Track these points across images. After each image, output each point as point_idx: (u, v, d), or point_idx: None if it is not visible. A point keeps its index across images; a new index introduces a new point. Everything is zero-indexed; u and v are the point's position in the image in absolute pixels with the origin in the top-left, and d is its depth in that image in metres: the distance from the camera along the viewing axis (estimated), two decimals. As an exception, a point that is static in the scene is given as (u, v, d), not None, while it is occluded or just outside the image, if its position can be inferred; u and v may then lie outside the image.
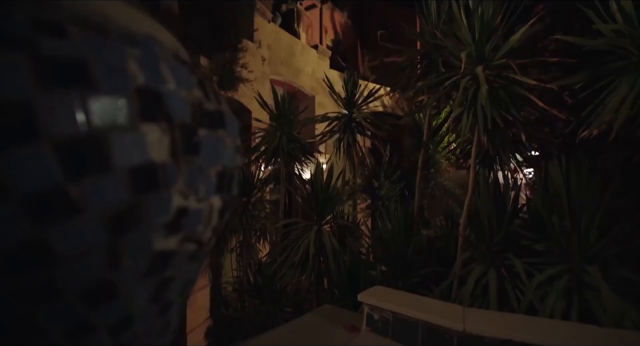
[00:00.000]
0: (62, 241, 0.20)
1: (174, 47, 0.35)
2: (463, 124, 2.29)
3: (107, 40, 0.24)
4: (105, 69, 0.22)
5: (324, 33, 11.12)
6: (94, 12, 0.27)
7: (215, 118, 0.30)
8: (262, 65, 7.20)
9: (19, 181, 0.18)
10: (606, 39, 1.92)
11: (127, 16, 0.30)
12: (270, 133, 3.94)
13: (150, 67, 0.25)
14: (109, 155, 0.20)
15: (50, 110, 0.19)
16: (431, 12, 2.95)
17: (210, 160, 0.28)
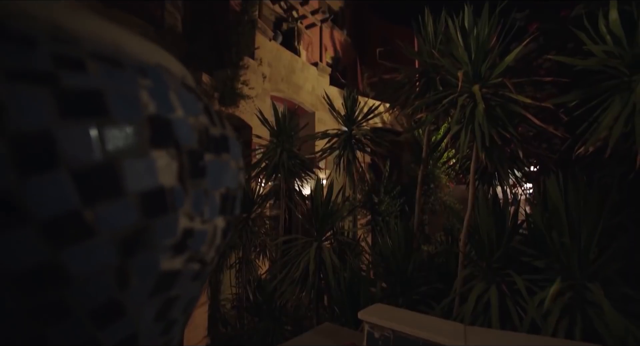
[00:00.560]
0: (76, 263, 0.21)
1: (181, 73, 0.37)
2: (461, 141, 2.32)
3: (121, 71, 0.26)
4: (119, 100, 0.24)
5: (324, 51, 11.34)
6: (109, 45, 0.29)
7: (220, 143, 0.31)
8: (263, 82, 7.32)
9: (39, 206, 0.19)
10: (597, 59, 1.97)
11: (138, 46, 0.32)
12: (270, 149, 3.97)
13: (160, 96, 0.27)
14: (122, 180, 0.22)
15: (69, 139, 0.20)
16: (428, 32, 3.03)
17: (215, 183, 0.29)
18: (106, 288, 0.23)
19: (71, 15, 0.27)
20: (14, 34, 0.23)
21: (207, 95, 6.07)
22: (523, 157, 2.56)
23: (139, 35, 0.33)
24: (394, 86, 3.29)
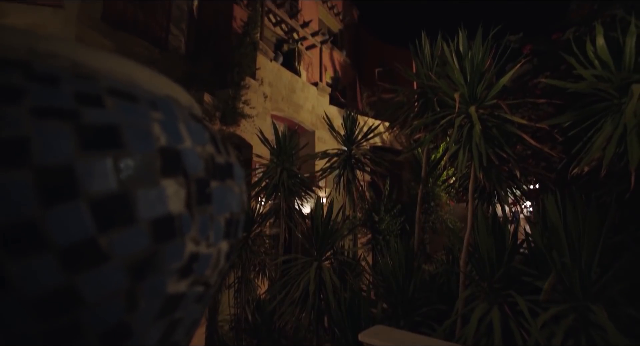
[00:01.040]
0: (90, 287, 0.22)
1: (188, 103, 0.40)
2: (459, 161, 2.34)
3: (135, 106, 0.28)
4: (134, 133, 0.26)
5: (323, 71, 11.57)
6: (123, 79, 0.31)
7: (225, 170, 0.33)
8: (264, 101, 7.44)
9: (59, 234, 0.21)
10: (587, 82, 2.02)
11: (149, 79, 0.35)
12: (271, 168, 4.00)
13: (171, 128, 0.29)
14: (135, 208, 0.23)
15: (88, 171, 0.22)
16: (425, 54, 3.12)
17: (220, 208, 0.31)
18: (116, 311, 0.24)
19: (89, 52, 0.29)
20: (40, 74, 0.25)
21: (208, 114, 6.15)
22: (520, 177, 2.58)
23: (149, 68, 0.36)
24: (393, 106, 3.35)
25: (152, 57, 7.26)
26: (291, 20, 10.27)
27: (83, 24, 6.11)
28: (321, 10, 13.11)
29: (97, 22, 6.34)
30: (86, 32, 6.13)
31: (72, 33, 5.94)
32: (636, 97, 1.68)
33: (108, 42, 6.46)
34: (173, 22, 7.91)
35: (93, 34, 6.23)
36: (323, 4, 13.16)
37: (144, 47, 7.14)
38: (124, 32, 6.77)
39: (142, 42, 7.10)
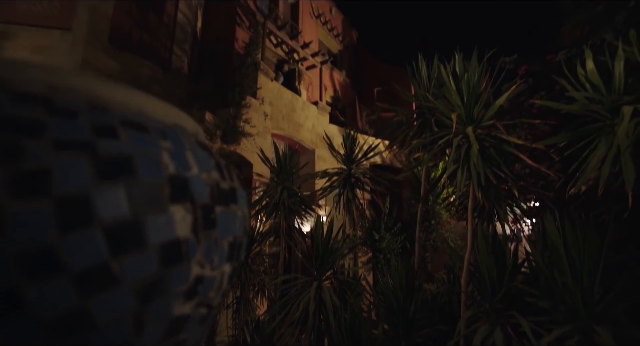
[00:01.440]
0: (100, 310, 0.23)
1: (194, 130, 0.42)
2: (458, 180, 2.36)
3: (146, 136, 0.30)
4: (145, 162, 0.27)
5: (323, 90, 11.76)
6: (135, 110, 0.33)
7: (229, 195, 0.35)
8: (265, 120, 7.53)
9: (74, 260, 0.22)
10: (580, 104, 2.07)
11: (158, 108, 0.37)
12: (271, 187, 4.01)
13: (179, 157, 0.31)
14: (145, 234, 0.25)
15: (103, 199, 0.24)
16: (422, 76, 3.19)
17: (224, 232, 0.32)
18: (124, 333, 0.25)
19: (103, 85, 0.32)
20: (60, 108, 0.27)
21: (209, 132, 6.22)
22: (518, 196, 2.59)
23: (157, 98, 0.38)
24: (392, 126, 3.40)
25: (156, 76, 7.41)
26: (292, 41, 10.53)
27: (90, 46, 6.28)
28: (321, 31, 13.46)
29: (103, 43, 6.51)
30: (92, 53, 6.28)
31: (79, 54, 6.09)
32: (627, 119, 1.72)
33: (113, 62, 6.61)
34: (177, 43, 8.11)
35: (99, 55, 6.39)
36: (323, 26, 13.53)
37: (147, 67, 7.30)
38: (129, 53, 6.94)
39: (146, 62, 7.26)
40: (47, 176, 0.23)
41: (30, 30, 6.12)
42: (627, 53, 1.96)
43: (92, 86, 0.31)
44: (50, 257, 0.22)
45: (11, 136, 0.23)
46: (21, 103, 0.26)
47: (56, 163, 0.23)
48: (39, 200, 0.22)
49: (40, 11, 6.35)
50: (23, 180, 0.22)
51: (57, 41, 6.15)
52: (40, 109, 0.26)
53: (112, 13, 6.79)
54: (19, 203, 0.21)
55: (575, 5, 4.41)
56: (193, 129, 0.40)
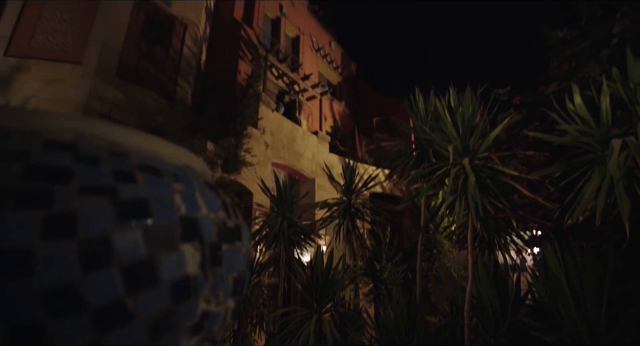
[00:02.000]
0: (115, 345, 0.25)
1: (201, 169, 0.45)
2: (456, 210, 2.37)
3: (161, 179, 0.33)
4: (159, 204, 0.30)
5: (323, 120, 11.99)
6: (149, 154, 0.36)
7: (234, 233, 0.37)
8: (265, 149, 7.63)
9: (94, 297, 0.24)
10: (571, 137, 2.12)
11: (170, 151, 0.40)
12: (271, 218, 4.00)
13: (189, 198, 0.33)
14: (158, 272, 0.27)
15: (121, 240, 0.26)
16: (419, 108, 3.28)
17: (229, 269, 0.34)
18: (133, 368, 0.26)
19: (122, 132, 0.35)
20: (84, 155, 0.30)
21: (210, 162, 6.29)
22: (517, 225, 2.59)
23: (169, 141, 0.41)
24: (391, 156, 3.45)
25: (160, 107, 7.61)
26: (292, 73, 10.89)
27: (98, 78, 6.50)
28: (321, 64, 13.95)
29: (111, 75, 6.75)
30: (100, 85, 6.49)
31: (87, 86, 6.30)
32: (617, 151, 1.76)
33: (120, 93, 6.82)
34: (181, 75, 8.39)
35: (106, 87, 6.60)
36: (323, 59, 14.03)
37: (152, 98, 7.52)
38: (135, 84, 7.18)
39: (151, 93, 7.49)
40: (73, 219, 0.25)
41: (43, 64, 6.37)
42: (611, 88, 2.04)
43: (112, 133, 0.34)
44: (73, 294, 0.24)
45: (43, 183, 0.26)
46: (51, 151, 0.29)
47: (81, 207, 0.26)
48: (65, 242, 0.24)
49: (54, 46, 6.63)
50: (52, 224, 0.24)
51: (67, 74, 6.38)
52: (67, 156, 0.29)
53: (122, 47, 7.10)
54: (47, 244, 0.23)
55: (562, 42, 4.64)
56: (201, 169, 0.43)
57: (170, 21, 8.43)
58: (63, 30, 6.84)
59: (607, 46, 3.54)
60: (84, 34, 6.82)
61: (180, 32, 8.62)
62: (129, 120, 6.80)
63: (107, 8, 7.08)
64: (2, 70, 6.20)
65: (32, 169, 0.26)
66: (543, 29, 4.90)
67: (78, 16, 6.99)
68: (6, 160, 0.27)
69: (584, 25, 4.44)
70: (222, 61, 9.78)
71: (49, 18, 6.85)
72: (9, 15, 6.71)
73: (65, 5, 7.04)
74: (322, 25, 14.75)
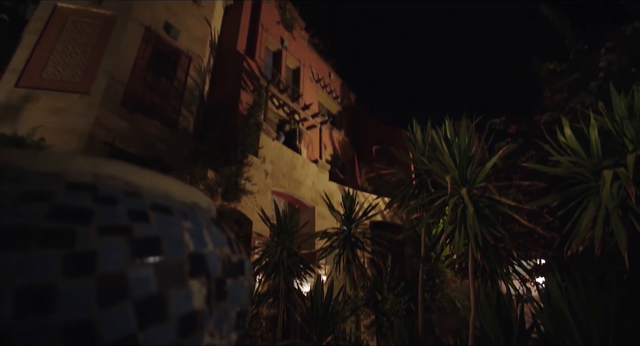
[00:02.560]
0: (123, 379, 0.26)
1: (207, 206, 0.47)
2: (456, 240, 2.36)
3: (171, 218, 0.35)
4: (170, 242, 0.32)
5: (323, 149, 12.13)
6: (161, 193, 0.39)
7: (238, 267, 0.39)
8: (265, 178, 7.67)
9: (108, 331, 0.26)
10: (564, 167, 2.16)
11: (178, 189, 0.43)
12: (271, 247, 3.96)
13: (197, 236, 0.35)
14: (167, 307, 0.29)
15: (136, 277, 0.28)
16: (417, 139, 3.35)
17: (233, 303, 0.36)
18: (140, 402, 0.28)
19: (136, 172, 0.38)
20: (103, 195, 0.33)
21: (211, 190, 6.31)
22: (518, 255, 2.57)
23: (177, 180, 0.44)
24: (391, 186, 3.48)
25: (163, 135, 7.74)
26: (293, 103, 11.16)
27: (104, 107, 6.67)
28: (321, 94, 14.32)
29: (116, 105, 6.93)
30: (105, 114, 6.65)
31: (93, 115, 6.45)
32: (608, 182, 1.79)
33: (124, 122, 6.96)
34: (184, 105, 8.60)
35: (111, 116, 6.76)
36: (323, 89, 14.42)
37: (155, 127, 7.66)
38: (139, 114, 7.35)
39: (154, 123, 7.65)
40: (92, 257, 0.27)
41: (51, 94, 6.57)
42: (599, 121, 2.11)
43: (127, 173, 0.37)
44: (90, 329, 0.26)
45: (66, 223, 0.28)
46: (73, 192, 0.32)
47: (100, 246, 0.28)
48: (85, 279, 0.26)
49: (64, 77, 6.87)
50: (73, 261, 0.27)
51: (74, 104, 6.56)
52: (88, 197, 0.31)
53: (128, 78, 7.34)
54: (69, 281, 0.26)
55: (552, 73, 4.82)
56: (207, 205, 0.45)
57: (175, 54, 8.76)
58: (73, 62, 7.11)
59: (595, 79, 3.68)
60: (93, 66, 7.08)
61: (185, 64, 8.94)
62: (131, 148, 6.90)
63: (117, 42, 7.39)
64: (12, 101, 6.37)
65: (56, 210, 0.29)
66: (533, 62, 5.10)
67: (89, 50, 7.28)
68: (34, 201, 0.29)
69: (572, 59, 4.64)
70: (225, 91, 10.05)
71: (61, 51, 7.14)
72: (24, 49, 7.00)
73: (78, 39, 7.36)
74: (322, 57, 15.30)
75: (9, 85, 6.55)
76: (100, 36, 7.45)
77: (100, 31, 7.51)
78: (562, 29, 4.75)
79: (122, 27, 7.59)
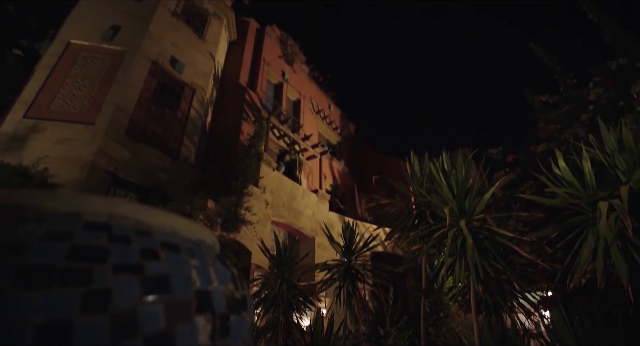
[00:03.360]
0: None
1: (212, 242, 0.50)
2: (457, 273, 2.34)
3: (180, 256, 0.37)
4: (179, 280, 0.34)
5: (323, 179, 12.19)
6: (169, 231, 0.41)
7: (241, 303, 0.40)
8: (265, 208, 7.66)
9: (119, 368, 0.28)
10: (561, 199, 2.18)
11: (185, 227, 0.45)
12: (270, 279, 3.88)
13: (203, 273, 0.37)
14: (175, 343, 0.30)
15: (146, 314, 0.30)
16: (415, 170, 3.40)
17: (236, 338, 0.37)
18: None
19: (147, 211, 0.40)
20: (117, 234, 0.35)
21: (210, 220, 6.28)
22: (520, 288, 2.52)
23: (184, 217, 0.46)
24: (390, 217, 3.48)
25: (164, 165, 7.82)
26: (293, 134, 11.36)
27: (108, 137, 6.80)
28: (321, 125, 14.61)
29: (120, 135, 7.06)
30: (108, 144, 6.77)
31: (96, 144, 6.56)
32: (604, 214, 1.81)
33: (126, 152, 7.06)
34: (187, 135, 8.76)
35: (114, 146, 6.87)
36: (322, 120, 14.73)
37: (157, 156, 7.76)
38: (143, 144, 7.47)
39: (156, 152, 7.75)
40: (107, 295, 0.29)
41: (58, 125, 6.72)
42: (591, 153, 2.16)
43: (138, 212, 0.40)
44: (103, 364, 0.27)
45: (84, 262, 0.30)
46: (90, 231, 0.34)
47: (115, 284, 0.30)
48: (100, 315, 0.28)
49: (71, 109, 7.07)
50: (90, 299, 0.29)
51: (79, 134, 6.70)
52: (104, 237, 0.34)
53: (133, 109, 7.53)
54: (85, 317, 0.28)
55: (545, 105, 4.96)
56: (211, 242, 0.48)
57: (180, 86, 9.05)
58: (81, 94, 7.33)
59: (585, 111, 3.79)
60: (100, 97, 7.30)
61: (189, 96, 9.20)
62: (132, 177, 6.95)
63: (124, 75, 7.66)
64: (19, 131, 6.51)
65: (75, 249, 0.31)
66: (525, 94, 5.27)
67: (97, 82, 7.54)
68: (55, 241, 0.32)
69: (562, 92, 4.80)
70: (226, 122, 10.27)
71: (70, 84, 7.39)
72: (35, 82, 7.26)
73: (87, 72, 7.64)
74: (322, 90, 15.77)
75: (17, 116, 6.72)
76: (109, 70, 7.74)
77: (110, 65, 7.82)
78: (550, 64, 4.96)
79: (130, 61, 7.91)
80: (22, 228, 0.33)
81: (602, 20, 4.38)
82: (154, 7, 9.08)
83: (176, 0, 9.91)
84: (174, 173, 7.94)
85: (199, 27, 10.47)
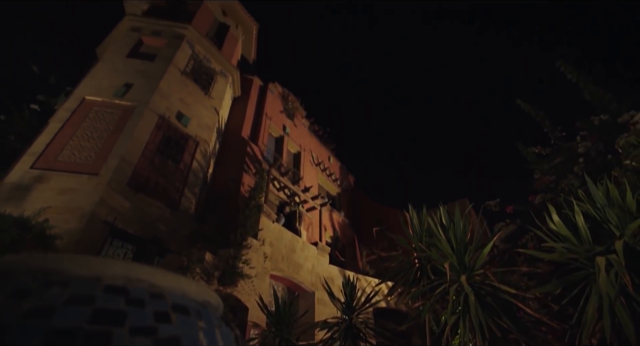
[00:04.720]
0: None
1: (216, 303, 0.52)
2: (461, 333, 2.24)
3: (189, 318, 0.40)
4: (188, 341, 0.37)
5: (323, 231, 12.05)
6: (179, 293, 0.44)
7: (243, 365, 0.42)
8: (264, 261, 7.48)
9: None
10: (559, 253, 2.18)
11: (192, 288, 0.48)
12: (268, 338, 3.69)
13: (210, 335, 0.40)
14: (182, 406, 0.32)
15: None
16: (414, 224, 3.40)
17: (237, 398, 0.38)
18: None
19: (159, 274, 0.44)
20: (133, 297, 0.38)
21: (207, 274, 6.11)
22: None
23: (191, 280, 0.50)
24: (392, 271, 3.41)
25: (164, 216, 7.79)
26: (294, 186, 11.49)
27: (110, 188, 6.88)
28: (321, 177, 14.82)
29: (122, 186, 7.15)
30: (110, 194, 6.82)
31: (98, 195, 6.62)
32: (603, 270, 1.80)
33: (127, 202, 7.09)
34: (188, 186, 8.85)
35: (116, 196, 6.92)
36: (322, 172, 14.98)
37: (157, 207, 7.77)
38: (144, 195, 7.53)
39: (157, 203, 7.78)
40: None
41: (62, 175, 6.85)
42: (582, 208, 2.19)
43: (152, 276, 0.43)
44: None
45: (105, 325, 0.34)
46: (109, 295, 0.37)
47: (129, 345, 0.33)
48: (117, 379, 0.31)
49: (77, 160, 7.26)
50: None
51: (83, 184, 6.79)
52: (122, 300, 0.37)
53: (137, 161, 7.72)
54: (103, 380, 0.30)
55: (539, 156, 5.11)
56: (216, 303, 0.50)
57: (184, 139, 9.36)
58: (89, 146, 7.57)
59: (577, 163, 3.91)
60: (106, 149, 7.53)
61: (192, 148, 9.48)
62: (131, 228, 6.89)
63: (132, 128, 7.97)
64: (24, 181, 6.62)
65: (97, 313, 0.34)
66: (518, 147, 5.45)
67: (105, 135, 7.82)
68: (79, 305, 0.35)
69: (553, 144, 4.99)
70: (228, 174, 10.44)
71: (80, 136, 7.67)
72: (47, 135, 7.55)
73: (97, 126, 7.96)
74: (322, 142, 16.27)
75: (25, 166, 6.88)
76: (118, 123, 8.08)
77: (119, 119, 8.18)
78: (539, 118, 5.21)
79: (139, 115, 8.28)
80: (50, 292, 0.36)
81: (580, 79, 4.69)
82: (165, 67, 9.73)
83: (186, 60, 10.64)
84: (173, 224, 7.89)
85: (206, 84, 11.12)
